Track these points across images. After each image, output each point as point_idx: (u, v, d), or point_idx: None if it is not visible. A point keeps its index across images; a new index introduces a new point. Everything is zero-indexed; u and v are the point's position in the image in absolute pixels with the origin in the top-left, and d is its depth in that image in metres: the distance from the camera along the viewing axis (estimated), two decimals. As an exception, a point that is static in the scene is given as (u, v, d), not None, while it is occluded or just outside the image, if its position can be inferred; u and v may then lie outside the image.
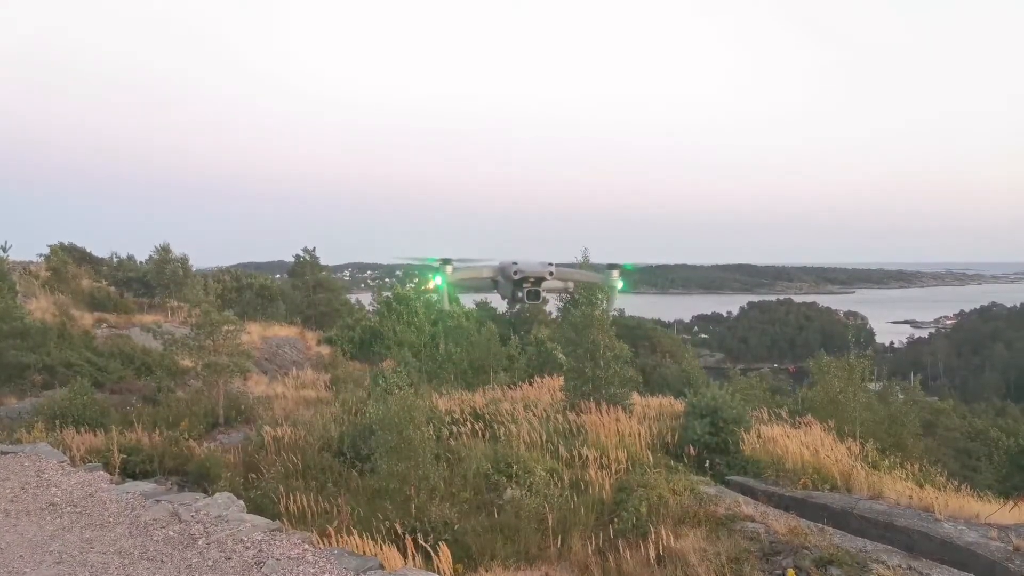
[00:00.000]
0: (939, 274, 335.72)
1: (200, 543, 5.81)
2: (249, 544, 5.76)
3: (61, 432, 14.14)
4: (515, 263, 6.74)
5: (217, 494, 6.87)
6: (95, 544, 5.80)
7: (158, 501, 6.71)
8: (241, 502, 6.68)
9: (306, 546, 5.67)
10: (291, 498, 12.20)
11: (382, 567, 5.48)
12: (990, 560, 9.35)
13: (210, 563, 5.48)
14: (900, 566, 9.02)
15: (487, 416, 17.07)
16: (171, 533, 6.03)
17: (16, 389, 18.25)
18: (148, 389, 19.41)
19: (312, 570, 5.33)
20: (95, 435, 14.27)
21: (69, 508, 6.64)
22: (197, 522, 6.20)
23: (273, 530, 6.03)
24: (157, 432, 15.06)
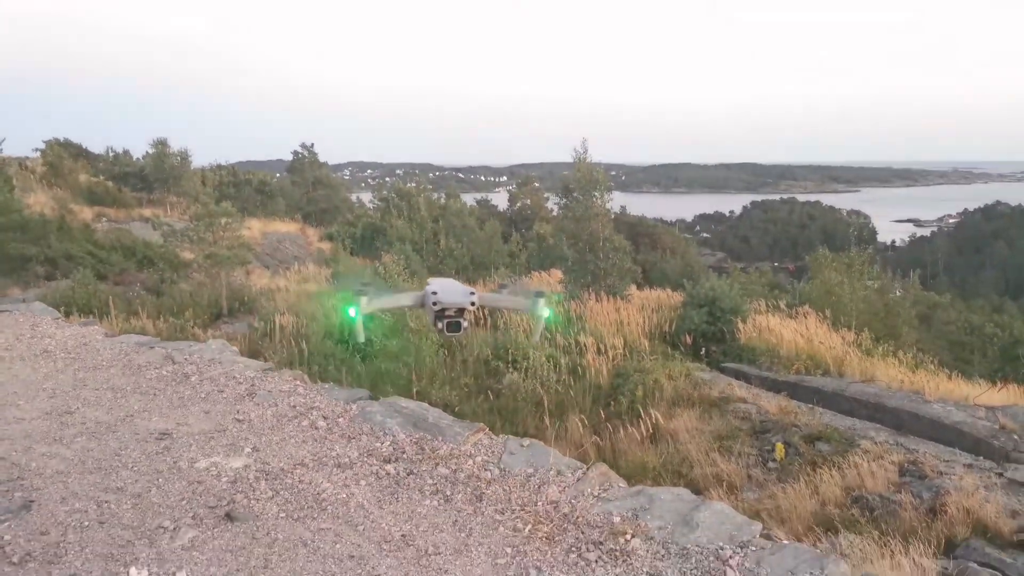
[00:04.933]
0: (945, 172, 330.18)
1: (193, 380, 6.01)
2: (242, 380, 5.97)
3: (67, 320, 14.34)
4: (434, 292, 6.34)
5: (211, 340, 7.05)
6: (88, 383, 6.00)
7: (152, 347, 6.90)
8: (235, 347, 6.86)
9: (297, 382, 5.89)
10: (295, 382, 12.48)
11: (372, 398, 5.68)
12: (976, 437, 9.63)
13: (203, 395, 5.70)
14: (887, 442, 9.32)
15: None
16: (164, 373, 6.22)
17: (19, 281, 18.42)
18: (151, 280, 19.56)
19: (303, 400, 5.59)
20: (101, 322, 14.47)
21: (63, 355, 6.82)
22: (191, 363, 6.39)
23: (265, 369, 6.24)
24: (162, 320, 15.27)
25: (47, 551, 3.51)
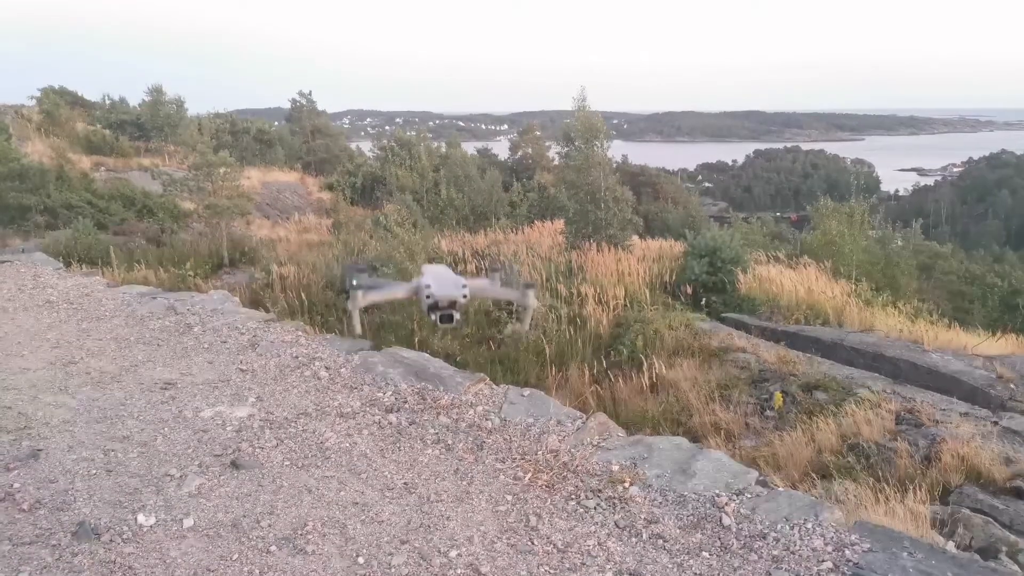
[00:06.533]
0: (951, 120, 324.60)
1: (196, 330, 6.07)
2: (244, 331, 6.03)
3: (68, 270, 14.37)
4: (428, 286, 6.34)
5: (212, 291, 7.09)
6: (91, 333, 6.07)
7: (154, 298, 6.96)
8: (236, 298, 6.91)
9: (299, 333, 5.96)
10: (296, 331, 12.54)
11: (374, 348, 5.74)
12: (973, 386, 9.72)
13: (205, 345, 5.78)
14: (884, 390, 9.39)
15: (489, 256, 17.22)
16: (167, 323, 6.28)
17: (19, 231, 18.39)
18: (151, 231, 19.54)
19: (305, 351, 5.67)
20: (103, 273, 14.51)
21: (65, 305, 6.88)
22: (193, 314, 6.45)
23: (267, 320, 6.29)
24: (163, 271, 15.30)
25: (56, 498, 3.58)
